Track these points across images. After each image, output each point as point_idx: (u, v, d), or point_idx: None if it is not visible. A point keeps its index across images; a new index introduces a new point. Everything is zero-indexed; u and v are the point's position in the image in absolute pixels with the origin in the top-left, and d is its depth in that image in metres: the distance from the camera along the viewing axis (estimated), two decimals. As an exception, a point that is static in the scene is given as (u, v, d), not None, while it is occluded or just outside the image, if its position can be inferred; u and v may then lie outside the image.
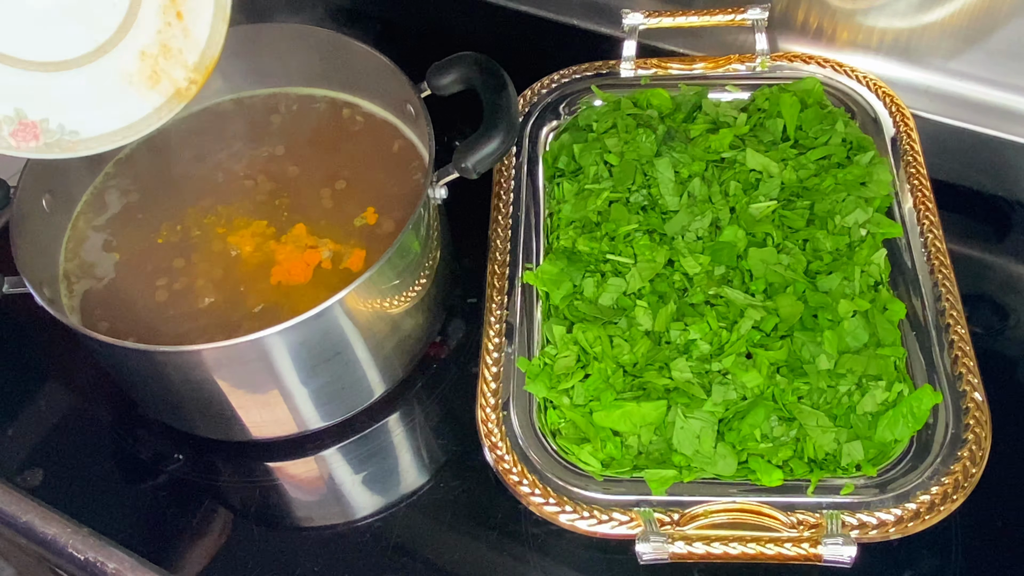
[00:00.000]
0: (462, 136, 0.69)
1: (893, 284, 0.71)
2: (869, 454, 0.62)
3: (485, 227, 0.78)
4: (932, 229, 0.73)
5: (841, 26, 0.89)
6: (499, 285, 0.73)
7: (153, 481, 0.73)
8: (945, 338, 0.67)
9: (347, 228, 0.74)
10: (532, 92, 0.87)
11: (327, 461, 0.74)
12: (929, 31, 0.86)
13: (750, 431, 0.63)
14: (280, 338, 0.62)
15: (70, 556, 0.69)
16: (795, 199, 0.74)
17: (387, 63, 0.75)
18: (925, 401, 0.63)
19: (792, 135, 0.80)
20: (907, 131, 0.80)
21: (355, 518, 0.71)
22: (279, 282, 0.71)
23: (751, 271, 0.70)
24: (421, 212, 0.67)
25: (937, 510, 0.59)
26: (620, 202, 0.76)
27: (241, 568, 0.67)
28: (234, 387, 0.66)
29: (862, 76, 0.84)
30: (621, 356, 0.67)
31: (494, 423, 0.66)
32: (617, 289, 0.71)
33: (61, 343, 0.80)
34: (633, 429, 0.64)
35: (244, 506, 0.71)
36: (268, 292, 0.71)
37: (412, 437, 0.75)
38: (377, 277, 0.64)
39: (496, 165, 0.77)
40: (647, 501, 0.61)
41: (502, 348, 0.69)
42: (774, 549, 0.58)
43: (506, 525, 0.68)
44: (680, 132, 0.80)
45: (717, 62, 0.86)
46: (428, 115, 0.72)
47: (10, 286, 0.65)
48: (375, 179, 0.77)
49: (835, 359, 0.65)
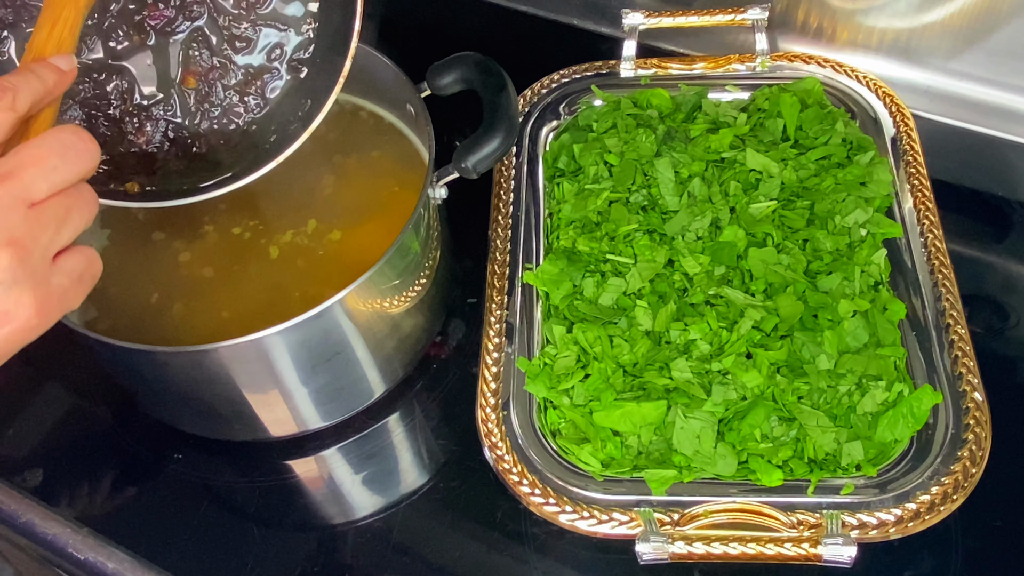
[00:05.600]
0: (462, 136, 0.69)
1: (893, 284, 0.71)
2: (869, 454, 0.62)
3: (485, 227, 0.78)
4: (932, 229, 0.73)
5: (841, 26, 0.89)
6: (499, 285, 0.73)
7: (153, 481, 0.73)
8: (945, 338, 0.67)
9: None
10: (532, 92, 0.87)
11: (327, 461, 0.74)
12: (929, 31, 0.86)
13: (750, 431, 0.63)
14: (280, 338, 0.62)
15: (70, 556, 0.69)
16: (795, 199, 0.74)
17: (387, 63, 0.75)
18: (925, 401, 0.63)
19: (792, 135, 0.80)
20: (907, 131, 0.80)
21: (355, 518, 0.71)
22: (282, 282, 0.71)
23: (751, 271, 0.70)
24: (421, 212, 0.67)
25: (937, 510, 0.59)
26: (620, 202, 0.76)
27: (241, 568, 0.67)
28: (234, 387, 0.66)
29: (862, 76, 0.84)
30: (621, 356, 0.67)
31: (494, 423, 0.66)
32: (617, 289, 0.71)
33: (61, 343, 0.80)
34: (633, 429, 0.64)
35: (244, 506, 0.71)
36: (269, 291, 0.71)
37: (412, 437, 0.75)
38: (377, 277, 0.64)
39: (496, 165, 0.77)
40: (647, 501, 0.61)
41: (502, 348, 0.70)
42: (774, 549, 0.58)
43: (506, 525, 0.68)
44: (680, 132, 0.80)
45: (717, 62, 0.86)
46: (428, 115, 0.72)
47: (10, 286, 0.65)
48: (375, 179, 0.77)
49: (835, 359, 0.65)
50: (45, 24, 0.55)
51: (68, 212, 0.46)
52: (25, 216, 0.44)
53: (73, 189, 0.47)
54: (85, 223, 0.47)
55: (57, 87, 0.51)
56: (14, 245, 0.43)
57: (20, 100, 0.48)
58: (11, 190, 0.44)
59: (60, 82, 0.51)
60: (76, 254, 0.47)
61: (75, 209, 0.46)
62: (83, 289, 0.48)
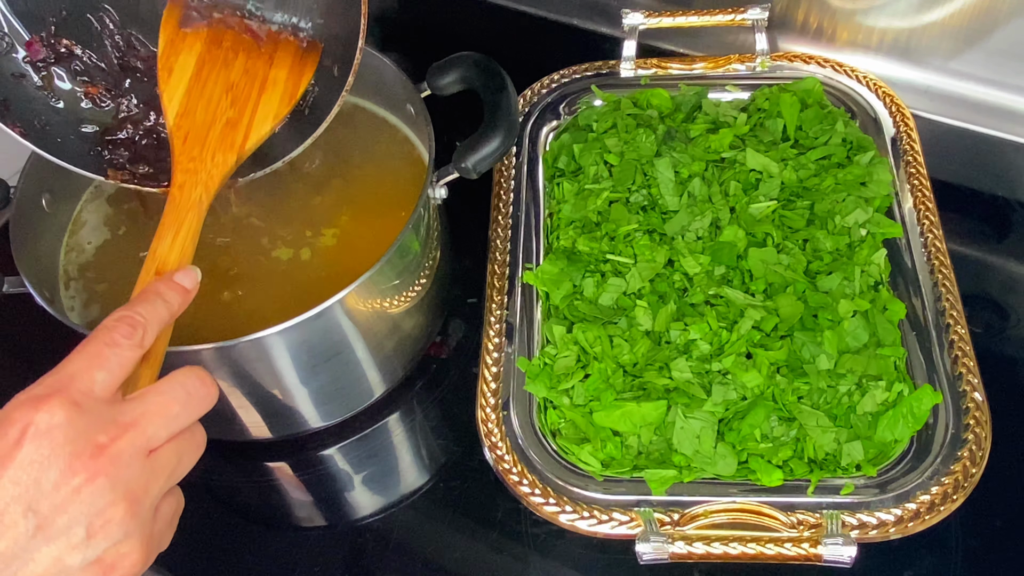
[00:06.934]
0: (462, 136, 0.69)
1: (893, 284, 0.71)
2: (869, 454, 0.62)
3: (485, 227, 0.78)
4: (932, 229, 0.73)
5: (841, 26, 0.89)
6: (499, 285, 0.73)
7: (153, 481, 0.73)
8: (945, 338, 0.67)
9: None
10: (532, 92, 0.87)
11: (327, 461, 0.74)
12: (929, 31, 0.86)
13: (750, 431, 0.63)
14: (280, 338, 0.62)
15: (70, 556, 0.69)
16: (795, 199, 0.74)
17: (387, 63, 0.75)
18: (925, 401, 0.63)
19: (792, 135, 0.80)
20: (907, 131, 0.80)
21: (355, 518, 0.71)
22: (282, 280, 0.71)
23: (751, 271, 0.70)
24: (421, 212, 0.67)
25: (937, 510, 0.59)
26: (620, 202, 0.76)
27: (241, 568, 0.67)
28: (234, 387, 0.66)
29: (862, 76, 0.84)
30: (621, 356, 0.67)
31: (494, 423, 0.66)
32: (617, 289, 0.71)
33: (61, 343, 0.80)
34: (633, 429, 0.64)
35: (244, 506, 0.71)
36: (269, 291, 0.71)
37: (412, 437, 0.75)
38: (377, 277, 0.63)
39: (496, 165, 0.77)
40: (647, 501, 0.61)
41: (502, 348, 0.70)
42: (774, 549, 0.58)
43: (506, 525, 0.68)
44: (680, 132, 0.80)
45: (717, 62, 0.86)
46: (428, 115, 0.72)
47: (10, 286, 0.65)
48: (375, 179, 0.77)
49: (835, 359, 0.65)
50: (169, 230, 0.53)
51: (180, 459, 0.45)
52: (143, 467, 0.43)
53: (188, 432, 0.46)
54: (191, 465, 0.46)
55: (181, 308, 0.50)
56: (129, 499, 0.42)
57: (149, 335, 0.47)
58: (134, 441, 0.42)
59: (184, 302, 0.50)
60: (171, 497, 0.46)
61: (186, 455, 0.45)
62: (173, 530, 0.47)
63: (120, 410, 0.43)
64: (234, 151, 0.60)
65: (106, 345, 0.45)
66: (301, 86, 0.64)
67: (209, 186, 0.57)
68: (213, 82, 0.62)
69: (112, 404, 0.43)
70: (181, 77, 0.62)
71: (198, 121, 0.60)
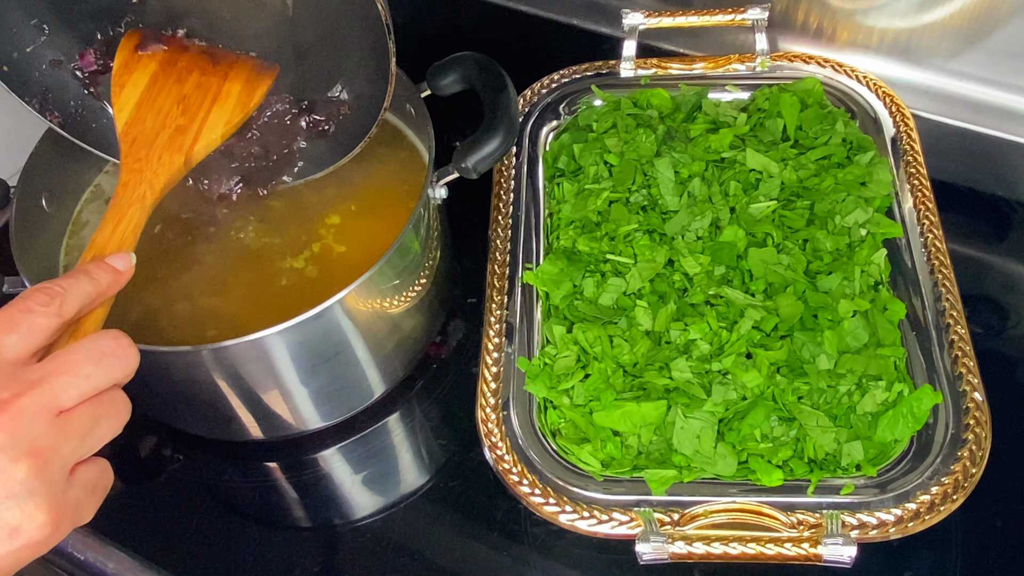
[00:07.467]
0: (462, 136, 0.69)
1: (893, 284, 0.71)
2: (869, 454, 0.62)
3: (485, 227, 0.78)
4: (932, 229, 0.73)
5: (841, 26, 0.89)
6: (499, 285, 0.73)
7: (153, 481, 0.73)
8: (945, 338, 0.67)
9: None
10: (532, 92, 0.87)
11: (327, 461, 0.74)
12: (929, 31, 0.86)
13: (750, 431, 0.63)
14: (280, 338, 0.62)
15: (71, 556, 0.69)
16: (795, 199, 0.74)
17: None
18: (925, 401, 0.63)
19: (792, 135, 0.80)
20: (907, 131, 0.80)
21: (355, 518, 0.71)
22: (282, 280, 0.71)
23: (751, 271, 0.70)
24: (421, 212, 0.67)
25: (937, 510, 0.59)
26: (620, 202, 0.76)
27: (241, 568, 0.67)
28: (234, 387, 0.66)
29: (862, 76, 0.84)
30: (621, 356, 0.67)
31: (494, 423, 0.66)
32: (617, 289, 0.71)
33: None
34: (633, 429, 0.64)
35: (244, 506, 0.71)
36: (269, 291, 0.71)
37: (412, 437, 0.75)
38: (377, 277, 0.64)
39: (496, 165, 0.77)
40: (647, 501, 0.61)
41: (502, 348, 0.69)
42: (774, 549, 0.58)
43: (506, 525, 0.68)
44: (680, 132, 0.80)
45: (717, 62, 0.86)
46: (428, 115, 0.72)
47: (10, 286, 0.65)
48: (375, 179, 0.77)
49: (835, 359, 0.65)
50: (110, 222, 0.55)
51: (95, 422, 0.44)
52: (50, 425, 0.41)
53: (105, 396, 0.45)
54: (112, 433, 0.45)
55: (110, 288, 0.50)
56: (34, 456, 0.40)
57: (68, 305, 0.46)
58: (39, 398, 0.41)
59: (114, 283, 0.50)
60: (92, 465, 0.45)
61: (103, 418, 0.44)
62: (95, 501, 0.45)
63: (28, 369, 0.43)
64: (181, 153, 0.62)
65: (19, 311, 0.45)
66: (255, 97, 0.66)
67: (154, 183, 0.59)
68: (165, 95, 0.64)
69: (21, 366, 0.43)
70: (133, 92, 0.64)
71: (147, 128, 0.62)
